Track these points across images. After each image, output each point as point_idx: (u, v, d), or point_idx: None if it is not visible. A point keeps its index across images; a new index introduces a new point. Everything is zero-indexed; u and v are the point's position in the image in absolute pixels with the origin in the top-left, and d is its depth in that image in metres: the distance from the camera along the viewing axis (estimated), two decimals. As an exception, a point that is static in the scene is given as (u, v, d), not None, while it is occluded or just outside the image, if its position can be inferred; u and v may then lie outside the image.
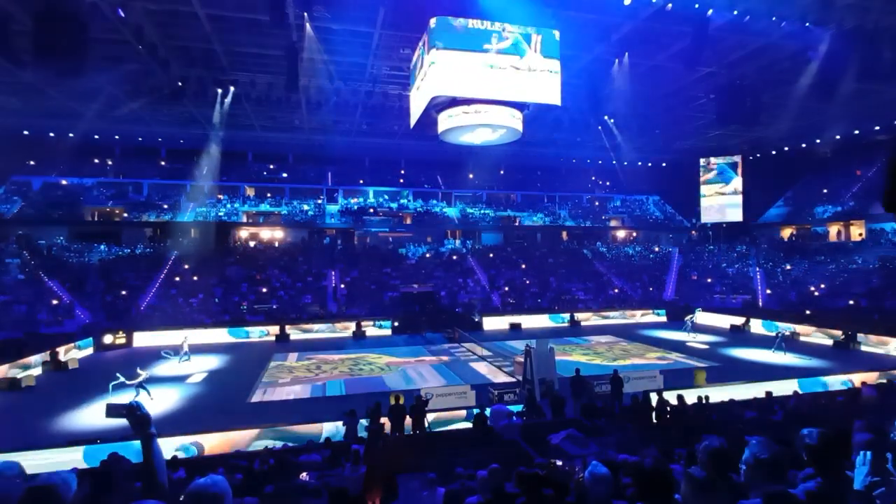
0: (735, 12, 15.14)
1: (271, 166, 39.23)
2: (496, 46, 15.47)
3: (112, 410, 2.02)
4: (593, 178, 46.29)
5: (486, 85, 15.48)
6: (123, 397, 14.15)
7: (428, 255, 34.14)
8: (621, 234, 43.42)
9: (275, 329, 25.08)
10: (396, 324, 26.80)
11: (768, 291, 31.31)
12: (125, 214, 33.07)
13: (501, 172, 43.93)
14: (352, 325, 25.92)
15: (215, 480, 1.74)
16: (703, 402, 10.96)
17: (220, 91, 21.81)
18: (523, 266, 35.44)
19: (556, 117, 25.44)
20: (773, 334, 21.24)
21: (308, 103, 23.89)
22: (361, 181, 39.92)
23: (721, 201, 37.61)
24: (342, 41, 18.19)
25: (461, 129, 17.59)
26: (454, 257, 35.52)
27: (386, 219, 37.66)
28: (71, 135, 29.00)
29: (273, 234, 36.28)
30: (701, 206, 38.65)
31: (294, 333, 25.17)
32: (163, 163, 37.12)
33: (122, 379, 13.76)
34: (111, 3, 14.75)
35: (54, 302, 24.67)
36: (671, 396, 11.10)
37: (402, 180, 41.04)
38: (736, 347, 20.97)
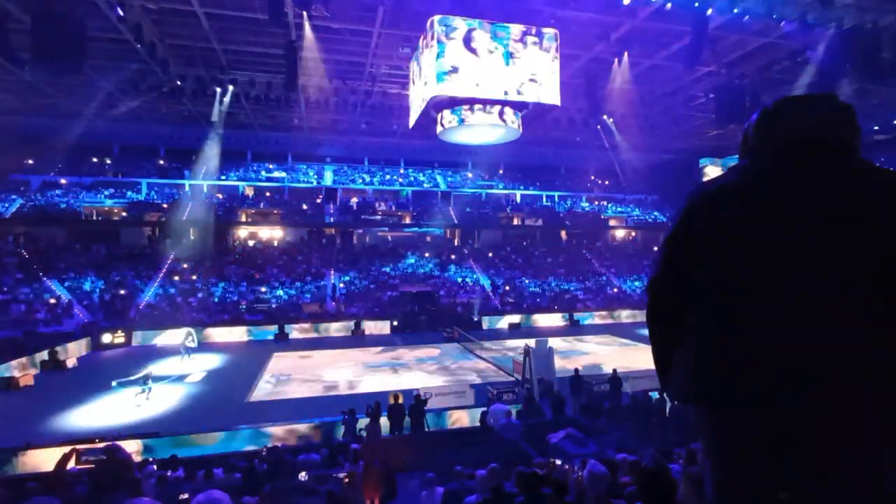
0: (735, 10, 15.13)
1: (270, 165, 39.19)
2: (495, 45, 15.45)
3: (89, 456, 1.92)
4: (592, 177, 46.29)
5: (485, 84, 15.46)
6: (127, 392, 14.14)
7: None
8: (620, 233, 43.43)
9: (273, 328, 25.13)
10: (395, 323, 26.82)
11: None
12: (124, 213, 33.00)
13: (501, 172, 43.95)
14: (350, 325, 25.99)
15: (212, 497, 1.68)
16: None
17: (218, 90, 21.77)
18: (522, 266, 35.46)
19: (556, 117, 25.42)
20: None
21: (307, 102, 23.86)
22: (361, 180, 39.90)
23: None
24: (341, 40, 18.17)
25: (460, 128, 17.57)
26: (453, 256, 35.53)
27: (385, 218, 37.63)
28: (69, 134, 28.92)
29: (272, 234, 36.24)
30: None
31: (293, 332, 25.20)
32: (161, 162, 37.06)
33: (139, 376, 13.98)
34: (109, 1, 14.71)
35: (52, 301, 24.62)
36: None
37: (401, 179, 41.02)
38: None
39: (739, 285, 1.06)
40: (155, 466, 7.41)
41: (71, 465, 6.13)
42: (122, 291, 26.76)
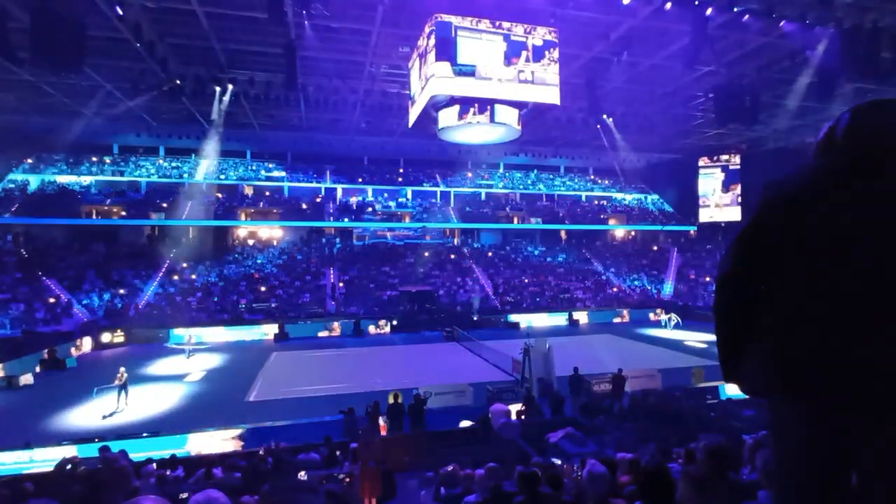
0: (735, 9, 15.11)
1: (270, 165, 39.18)
2: (495, 45, 15.43)
3: (88, 466, 1.86)
4: (592, 176, 46.32)
5: (485, 83, 15.45)
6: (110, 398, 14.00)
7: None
8: (620, 232, 43.45)
9: (273, 328, 25.15)
10: (395, 322, 26.82)
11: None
12: (123, 213, 32.97)
13: (500, 171, 43.95)
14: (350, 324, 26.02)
15: (210, 497, 1.66)
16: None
17: (218, 89, 21.72)
18: (522, 265, 35.45)
19: (555, 116, 25.39)
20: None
21: (306, 101, 23.82)
22: (360, 179, 39.86)
23: (720, 200, 37.64)
24: (341, 39, 18.13)
25: (460, 127, 17.56)
26: (452, 256, 35.54)
27: (384, 217, 37.63)
28: (69, 133, 28.89)
29: (271, 233, 36.22)
30: (699, 204, 38.68)
31: (293, 332, 25.22)
32: (161, 161, 37.04)
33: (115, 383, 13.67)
34: (109, 0, 14.68)
35: (52, 300, 24.61)
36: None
37: (400, 179, 40.99)
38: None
39: (822, 287, 1.09)
40: (154, 466, 7.41)
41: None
42: (122, 291, 26.76)
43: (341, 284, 30.60)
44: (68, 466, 5.40)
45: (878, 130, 1.17)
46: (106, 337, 22.53)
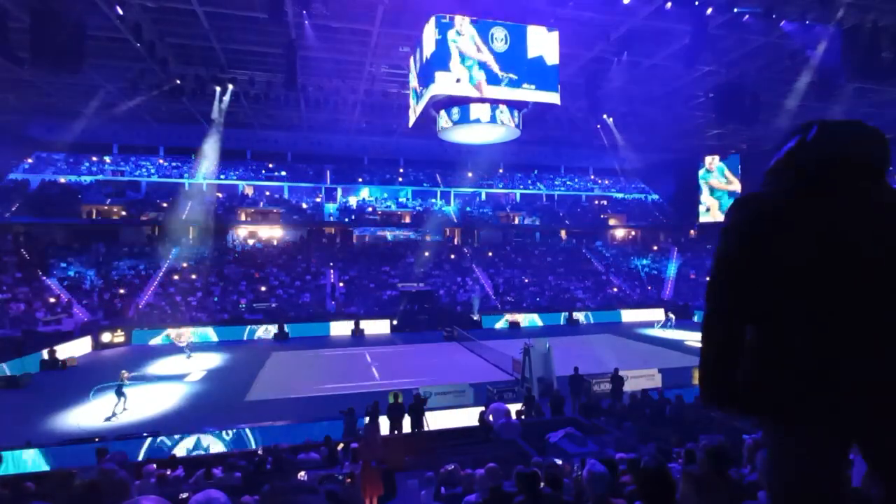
0: (735, 10, 15.12)
1: (270, 164, 39.17)
2: (495, 44, 15.42)
3: (84, 477, 1.87)
4: (592, 176, 46.32)
5: (485, 83, 15.43)
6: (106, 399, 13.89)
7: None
8: (620, 232, 43.45)
9: (273, 327, 25.15)
10: (395, 322, 26.82)
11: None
12: (123, 213, 32.95)
13: (500, 171, 43.93)
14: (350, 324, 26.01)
15: (210, 497, 1.66)
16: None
17: (218, 89, 21.73)
18: (522, 265, 35.46)
19: (556, 116, 25.40)
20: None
21: (307, 101, 23.83)
22: (360, 179, 39.87)
23: (720, 200, 37.60)
24: (341, 39, 18.14)
25: (460, 127, 17.55)
26: (452, 256, 35.56)
27: (384, 217, 37.64)
28: (68, 133, 28.90)
29: (272, 233, 36.22)
30: (700, 204, 38.65)
31: (293, 332, 25.21)
32: (161, 161, 37.04)
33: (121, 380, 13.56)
34: (109, 0, 14.68)
35: (52, 300, 24.61)
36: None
37: (401, 179, 41.00)
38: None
39: (812, 304, 1.12)
40: (155, 466, 7.41)
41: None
42: (122, 290, 26.76)
43: (341, 284, 30.60)
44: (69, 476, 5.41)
45: (841, 150, 1.19)
46: (106, 337, 22.52)
